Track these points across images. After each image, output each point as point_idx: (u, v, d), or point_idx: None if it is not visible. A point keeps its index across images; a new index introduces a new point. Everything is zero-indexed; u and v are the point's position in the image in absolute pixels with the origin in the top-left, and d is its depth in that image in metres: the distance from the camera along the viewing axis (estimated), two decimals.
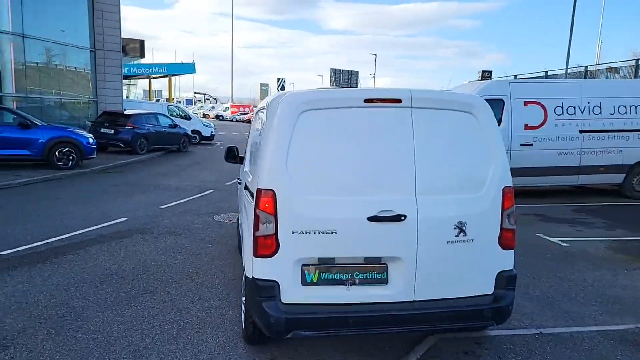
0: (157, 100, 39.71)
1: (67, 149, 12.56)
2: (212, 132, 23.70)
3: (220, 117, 58.87)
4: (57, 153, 12.44)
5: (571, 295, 4.90)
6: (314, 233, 3.06)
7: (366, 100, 3.19)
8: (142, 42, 40.92)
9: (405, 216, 3.12)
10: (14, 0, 15.17)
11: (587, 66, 21.65)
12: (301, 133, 3.09)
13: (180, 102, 66.31)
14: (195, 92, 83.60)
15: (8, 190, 10.20)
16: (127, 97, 41.18)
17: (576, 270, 5.69)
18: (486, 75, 11.92)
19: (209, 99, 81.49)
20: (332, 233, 3.07)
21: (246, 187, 4.05)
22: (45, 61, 17.14)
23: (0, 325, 3.85)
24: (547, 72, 23.60)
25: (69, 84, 18.09)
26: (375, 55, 56.47)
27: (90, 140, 13.14)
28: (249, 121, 52.75)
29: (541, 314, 4.41)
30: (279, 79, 61.39)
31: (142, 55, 40.26)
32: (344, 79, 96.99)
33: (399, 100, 3.21)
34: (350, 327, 3.08)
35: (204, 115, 63.13)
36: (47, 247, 6.05)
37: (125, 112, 17.85)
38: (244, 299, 3.56)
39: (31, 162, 12.46)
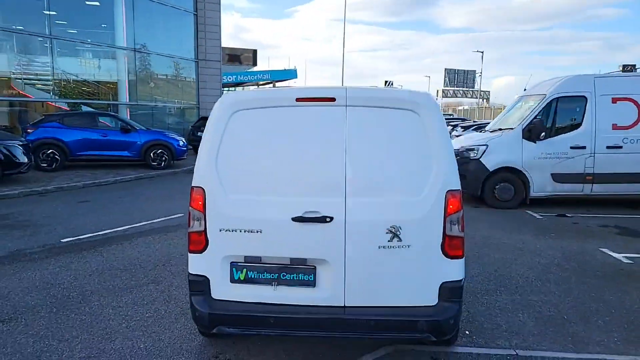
0: None
1: (160, 150, 13.94)
2: None
3: None
4: (152, 154, 13.87)
5: (592, 318, 4.28)
6: (240, 231, 3.11)
7: (298, 100, 3.16)
8: (254, 52, 43.68)
9: (331, 218, 3.03)
10: (128, 19, 17.22)
11: None
12: (233, 133, 3.17)
13: None
14: None
15: (106, 186, 11.65)
16: None
17: (620, 291, 4.93)
18: (628, 69, 10.65)
19: None
20: (257, 232, 3.09)
21: None
22: (154, 72, 19.12)
23: (18, 300, 4.48)
24: None
25: (175, 92, 20.02)
26: (482, 52, 53.35)
27: (181, 143, 14.42)
28: None
29: (540, 334, 3.93)
30: (386, 82, 60.98)
31: (255, 64, 42.93)
32: (460, 79, 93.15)
33: (333, 99, 3.13)
34: (272, 327, 3.07)
35: None
36: (102, 237, 6.83)
37: None
38: None
39: (131, 162, 14.04)
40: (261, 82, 36.50)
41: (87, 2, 19.64)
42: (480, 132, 11.49)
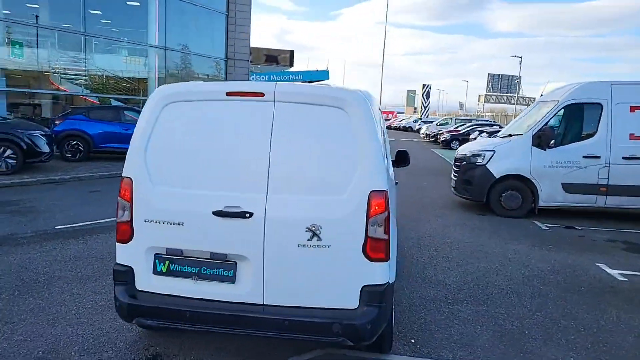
0: None
1: None
2: None
3: None
4: None
5: (555, 335, 4.03)
6: (163, 223, 3.11)
7: (228, 94, 3.14)
8: (291, 53, 44.01)
9: (251, 214, 2.98)
10: (161, 18, 17.69)
11: None
12: (164, 124, 3.17)
13: None
14: None
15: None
16: None
17: (598, 309, 4.62)
18: None
19: None
20: (179, 224, 3.08)
21: None
22: (184, 69, 19.57)
23: None
24: None
25: None
26: (521, 57, 51.48)
27: None
28: (389, 127, 53.18)
29: (490, 348, 3.74)
30: (424, 85, 60.25)
31: (291, 65, 43.24)
32: (503, 84, 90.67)
33: (261, 94, 3.08)
34: (188, 321, 3.04)
35: None
36: (94, 226, 7.01)
37: None
38: None
39: None
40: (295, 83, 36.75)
41: (128, 2, 20.37)
42: (492, 137, 11.11)
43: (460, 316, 4.33)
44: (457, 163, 9.93)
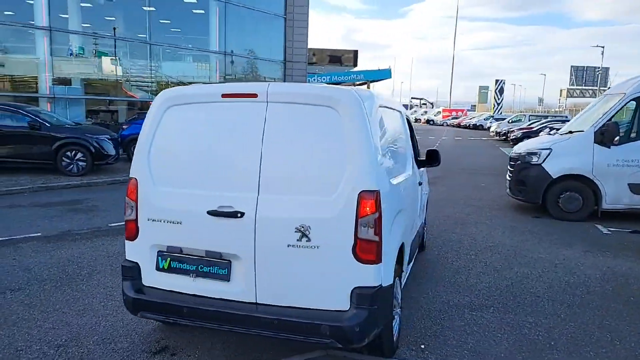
0: None
1: None
2: None
3: (431, 122, 58.68)
4: None
5: (585, 348, 3.71)
6: (164, 222, 3.23)
7: (224, 95, 3.20)
8: (355, 52, 44.06)
9: (242, 213, 3.02)
10: (221, 24, 18.41)
11: None
12: (165, 127, 3.31)
13: None
14: (412, 97, 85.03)
15: None
16: None
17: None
18: None
19: (425, 104, 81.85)
20: (177, 223, 3.19)
21: None
22: (244, 73, 20.21)
23: (36, 273, 5.07)
24: None
25: None
26: (603, 47, 47.64)
27: None
28: (459, 125, 51.53)
29: (506, 358, 3.51)
30: (497, 81, 57.70)
31: (355, 64, 43.30)
32: (588, 77, 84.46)
33: (255, 95, 3.12)
34: (186, 317, 3.14)
35: (416, 120, 63.96)
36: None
37: None
38: None
39: None
40: (357, 82, 36.73)
41: (194, 11, 21.41)
42: (552, 134, 10.41)
43: (481, 323, 4.11)
44: (511, 162, 9.42)
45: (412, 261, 4.65)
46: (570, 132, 8.87)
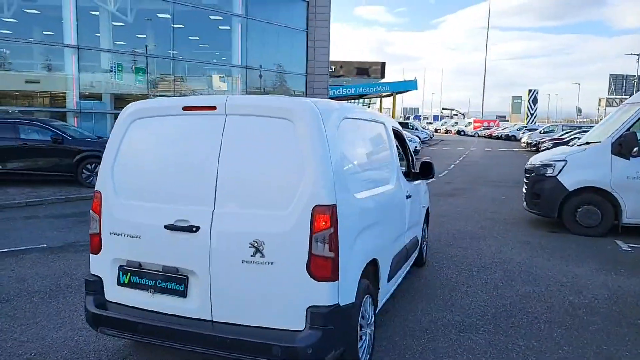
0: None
1: None
2: (416, 147, 23.67)
3: (462, 133, 57.64)
4: None
5: None
6: (125, 236, 3.20)
7: (184, 108, 3.17)
8: (382, 65, 44.04)
9: (198, 228, 2.96)
10: (243, 40, 18.70)
11: None
12: (130, 140, 3.30)
13: (409, 118, 68.85)
14: (443, 108, 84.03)
15: None
16: None
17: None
18: None
19: (456, 115, 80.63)
20: (136, 237, 3.15)
21: None
22: (264, 86, 20.41)
23: (29, 285, 5.14)
24: None
25: None
26: (638, 55, 45.71)
27: None
28: (490, 136, 50.36)
29: None
30: (530, 91, 56.28)
31: (382, 76, 43.23)
32: (628, 85, 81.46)
33: (214, 108, 3.07)
34: (141, 334, 3.08)
35: (446, 131, 63.03)
36: None
37: None
38: None
39: None
40: (383, 94, 36.58)
41: (220, 27, 21.84)
42: (569, 145, 9.98)
43: (466, 345, 3.89)
44: (526, 175, 9.05)
45: (398, 278, 4.47)
46: (588, 143, 8.46)
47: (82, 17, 15.89)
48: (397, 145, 4.73)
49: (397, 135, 5.14)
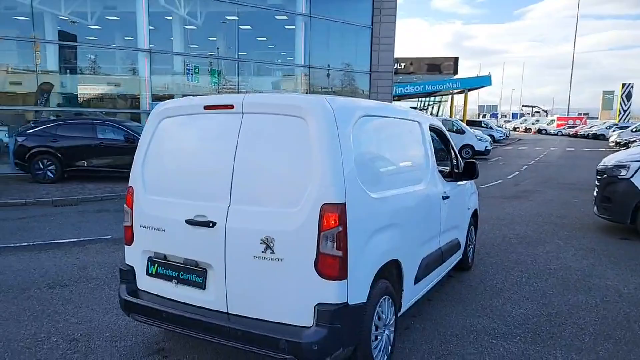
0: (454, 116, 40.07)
1: None
2: (486, 146, 22.75)
3: (543, 131, 54.38)
4: None
5: None
6: (151, 229, 3.40)
7: (206, 107, 3.29)
8: (455, 60, 42.63)
9: (215, 223, 3.07)
10: (306, 39, 18.96)
11: None
12: (159, 138, 3.50)
13: (484, 116, 65.90)
14: (523, 105, 79.70)
15: None
16: (435, 114, 43.65)
17: None
18: None
19: (538, 112, 76.12)
20: (162, 230, 3.33)
21: None
22: (328, 85, 20.55)
23: (56, 274, 5.59)
24: None
25: None
26: None
27: None
28: (575, 135, 46.95)
29: None
30: (624, 85, 51.78)
31: (455, 72, 41.84)
32: None
33: (232, 106, 3.17)
34: (165, 321, 3.25)
35: (526, 130, 59.73)
36: None
37: None
38: None
39: None
40: (454, 91, 35.39)
41: (286, 27, 22.31)
42: None
43: (497, 353, 3.71)
44: (597, 177, 8.38)
45: (431, 281, 4.35)
46: None
47: (154, 22, 16.86)
48: (442, 146, 4.63)
49: (440, 134, 5.01)
